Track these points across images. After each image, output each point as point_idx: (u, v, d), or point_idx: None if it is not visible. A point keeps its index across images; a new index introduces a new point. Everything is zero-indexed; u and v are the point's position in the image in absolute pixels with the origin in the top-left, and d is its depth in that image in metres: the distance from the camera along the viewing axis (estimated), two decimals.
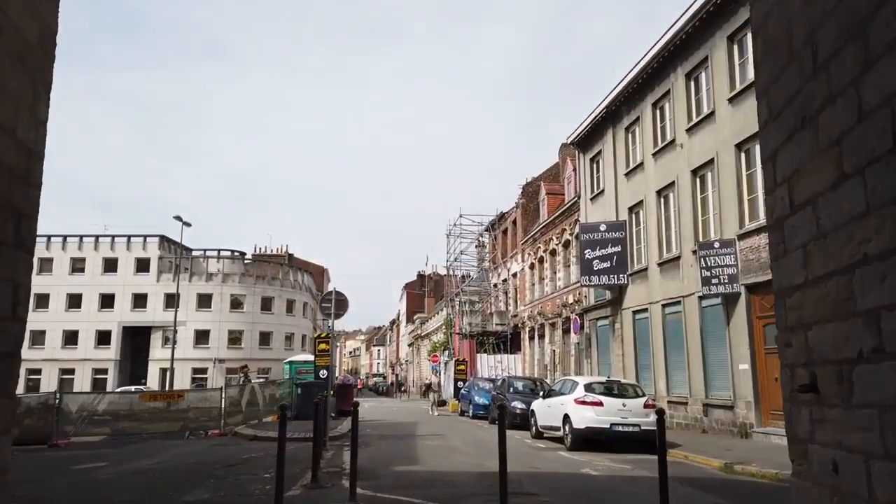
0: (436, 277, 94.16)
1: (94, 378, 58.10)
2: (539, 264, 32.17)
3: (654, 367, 19.05)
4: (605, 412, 13.41)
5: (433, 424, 21.27)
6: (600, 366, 23.26)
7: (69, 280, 59.44)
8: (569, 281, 27.72)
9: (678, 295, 17.78)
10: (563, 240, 28.27)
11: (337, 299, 15.82)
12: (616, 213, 21.99)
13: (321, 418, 11.96)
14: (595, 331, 23.72)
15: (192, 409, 17.02)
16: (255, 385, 19.66)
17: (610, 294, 22.26)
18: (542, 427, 15.92)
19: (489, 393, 25.05)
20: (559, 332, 28.41)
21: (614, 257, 21.24)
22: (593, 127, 23.66)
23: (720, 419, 15.71)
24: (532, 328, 32.63)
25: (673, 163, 18.37)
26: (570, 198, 28.11)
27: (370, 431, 18.01)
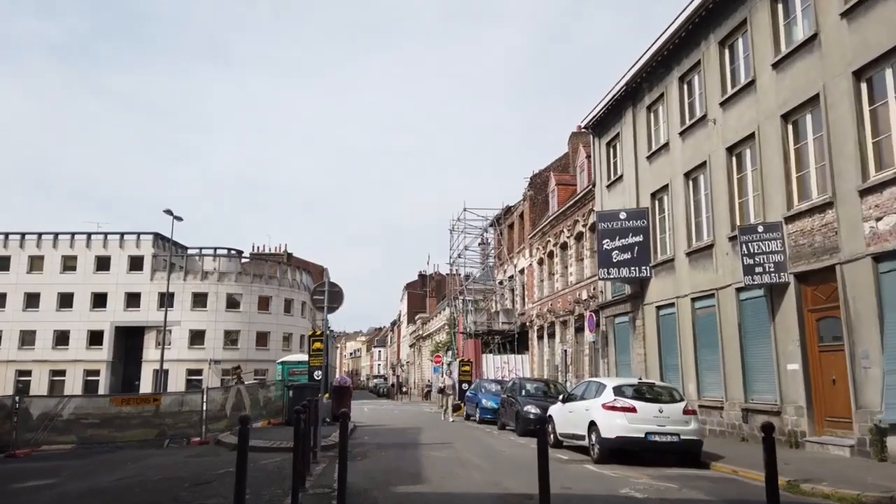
0: (437, 277, 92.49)
1: (85, 380, 56.40)
2: (548, 259, 30.37)
3: (682, 367, 17.25)
4: (640, 419, 11.61)
5: (438, 431, 19.48)
6: (619, 366, 21.46)
7: (60, 279, 57.75)
8: (582, 276, 25.92)
9: (711, 287, 15.98)
10: (576, 232, 26.47)
11: (330, 291, 14.06)
12: (637, 200, 20.20)
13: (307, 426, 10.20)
14: (612, 329, 21.92)
15: (169, 415, 15.24)
16: (241, 387, 17.88)
17: (630, 288, 20.46)
18: (562, 435, 14.12)
19: (497, 396, 23.28)
20: (571, 331, 26.61)
21: (635, 248, 19.43)
22: (610, 108, 21.87)
23: None
24: (541, 327, 30.82)
25: (704, 141, 16.57)
26: (582, 187, 26.32)
27: (368, 440, 16.21)
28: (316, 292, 14.07)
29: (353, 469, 10.10)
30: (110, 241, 59.00)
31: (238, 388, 17.72)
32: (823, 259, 12.30)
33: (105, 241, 58.99)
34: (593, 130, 23.68)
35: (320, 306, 13.96)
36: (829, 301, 12.35)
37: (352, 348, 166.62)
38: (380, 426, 21.50)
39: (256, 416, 18.27)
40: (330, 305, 14.01)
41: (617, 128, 21.89)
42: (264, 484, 9.50)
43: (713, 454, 12.16)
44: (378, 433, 18.36)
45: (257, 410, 18.18)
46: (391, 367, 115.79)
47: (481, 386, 24.81)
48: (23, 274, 57.72)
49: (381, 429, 20.34)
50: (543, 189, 32.99)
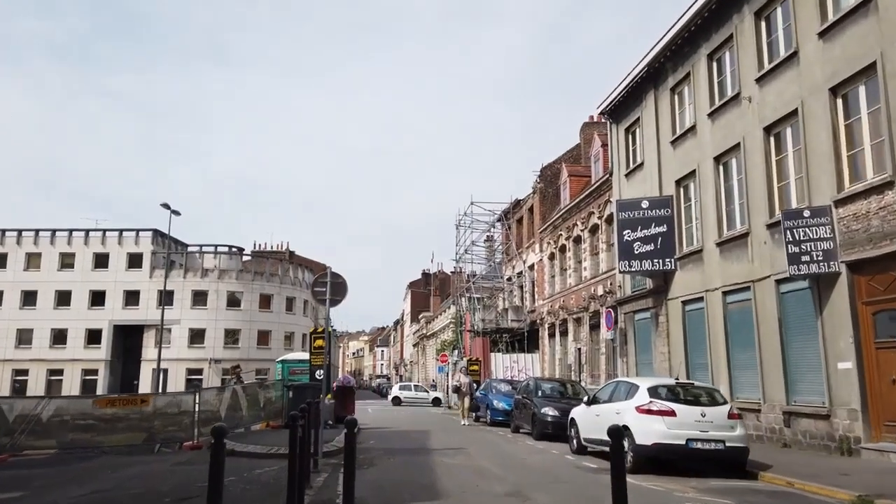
0: (441, 276, 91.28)
1: (83, 379, 55.31)
2: (560, 254, 29.10)
3: (712, 366, 15.98)
4: (679, 424, 10.35)
5: (448, 434, 18.23)
6: (639, 366, 20.19)
7: (58, 276, 56.64)
8: (597, 270, 24.65)
9: (746, 279, 14.71)
10: (591, 224, 25.20)
11: (333, 282, 12.81)
12: (659, 187, 18.94)
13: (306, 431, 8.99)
14: (632, 326, 20.65)
15: (159, 417, 14.01)
16: (237, 388, 16.66)
17: (652, 282, 19.20)
18: (587, 441, 12.88)
19: (509, 397, 22.04)
20: (586, 329, 25.34)
21: (659, 239, 18.17)
22: (629, 92, 20.60)
23: (810, 431, 12.63)
24: (552, 324, 29.56)
25: (737, 122, 15.30)
26: (598, 177, 25.06)
27: (374, 444, 14.98)
28: (317, 283, 12.83)
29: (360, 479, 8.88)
30: (109, 238, 57.88)
31: (234, 388, 16.51)
32: (882, 245, 11.04)
33: (103, 237, 57.87)
34: (610, 116, 22.40)
35: (322, 299, 12.72)
36: (888, 292, 11.09)
37: (354, 348, 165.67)
38: (385, 429, 20.27)
39: (254, 418, 17.06)
40: (332, 298, 12.78)
41: (636, 112, 20.63)
42: (257, 499, 8.28)
43: (758, 462, 10.90)
44: (384, 437, 17.13)
45: (255, 412, 16.96)
46: (394, 366, 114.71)
47: (492, 386, 23.55)
48: (20, 271, 56.62)
49: (386, 432, 19.12)
50: (554, 181, 31.74)
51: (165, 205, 35.13)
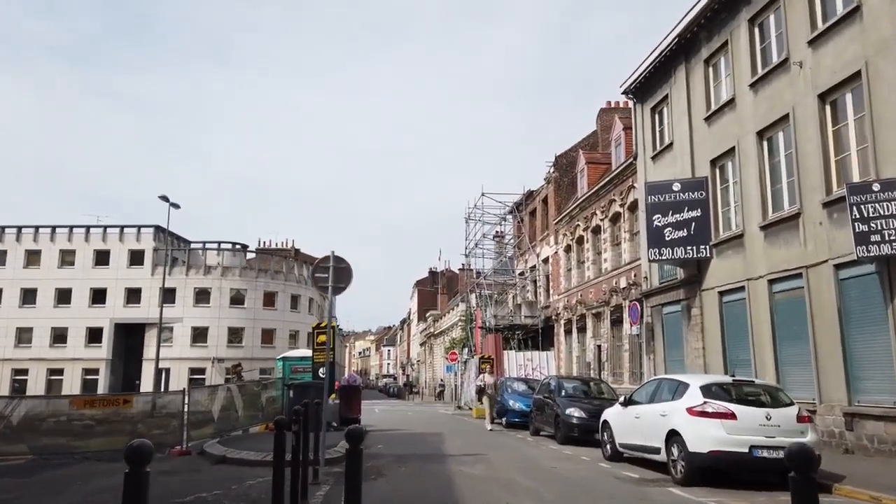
0: (449, 274, 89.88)
1: (84, 379, 54.05)
2: (577, 245, 27.57)
3: (756, 363, 14.43)
4: (741, 429, 8.83)
5: (462, 437, 16.75)
6: (668, 363, 18.66)
7: (58, 274, 55.43)
8: (619, 262, 23.12)
9: (798, 265, 13.16)
10: (611, 213, 23.66)
11: (336, 267, 11.34)
12: (692, 169, 17.40)
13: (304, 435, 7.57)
14: (660, 320, 19.11)
15: (143, 420, 12.59)
16: (232, 387, 15.21)
17: (683, 272, 17.67)
18: (624, 446, 11.37)
19: (527, 397, 20.59)
20: (606, 324, 23.81)
21: (692, 224, 16.64)
22: (657, 67, 19.06)
23: (878, 435, 11.08)
24: (569, 320, 28.04)
25: (785, 90, 13.76)
26: (619, 163, 23.51)
27: (382, 449, 13.53)
28: (318, 269, 11.36)
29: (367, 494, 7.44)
30: (110, 234, 56.61)
31: (228, 387, 15.05)
32: None
33: (104, 234, 56.61)
34: (635, 96, 20.85)
35: (324, 286, 11.25)
36: None
37: (361, 347, 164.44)
38: (395, 431, 18.81)
39: (252, 420, 15.63)
40: (336, 285, 11.31)
41: (664, 89, 19.08)
42: None
43: (826, 472, 9.34)
44: (394, 440, 15.66)
45: (253, 413, 15.53)
46: (401, 366, 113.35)
47: (507, 386, 22.05)
48: (19, 269, 55.45)
49: (396, 434, 17.66)
50: (570, 170, 30.20)
51: (164, 197, 33.80)
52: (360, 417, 18.65)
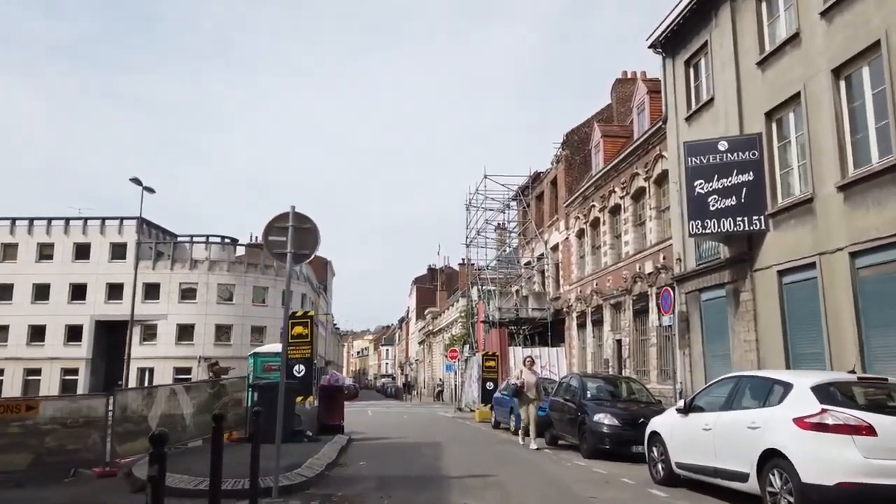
0: (448, 270, 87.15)
1: (63, 379, 51.09)
2: (592, 229, 24.69)
3: (830, 356, 11.55)
4: (886, 449, 5.94)
5: (466, 449, 13.83)
6: (707, 359, 15.77)
7: (36, 268, 52.40)
8: (643, 244, 20.24)
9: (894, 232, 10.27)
10: (634, 188, 20.76)
11: (298, 228, 8.45)
12: (740, 125, 14.51)
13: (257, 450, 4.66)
14: (698, 308, 16.22)
15: (53, 430, 9.68)
16: (177, 388, 12.27)
17: (729, 250, 14.79)
18: (683, 467, 8.48)
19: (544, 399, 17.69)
20: (628, 315, 20.91)
21: (742, 190, 13.76)
22: (692, 12, 16.16)
23: None
24: (582, 312, 25.16)
25: (872, 15, 10.88)
26: (641, 132, 20.60)
27: (364, 467, 10.64)
28: (272, 231, 8.42)
29: None
30: (90, 227, 53.63)
31: (173, 388, 12.12)
32: None
33: (84, 226, 53.63)
34: (664, 49, 17.94)
35: (280, 253, 8.34)
36: None
37: (359, 347, 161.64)
38: (384, 440, 15.91)
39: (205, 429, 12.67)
40: (298, 252, 8.40)
41: (702, 37, 16.18)
42: None
43: None
44: (381, 455, 12.76)
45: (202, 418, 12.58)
46: (399, 365, 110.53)
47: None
48: None
49: (385, 445, 14.76)
50: (582, 147, 27.31)
51: (136, 180, 30.88)
52: (342, 424, 15.76)
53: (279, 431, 8.35)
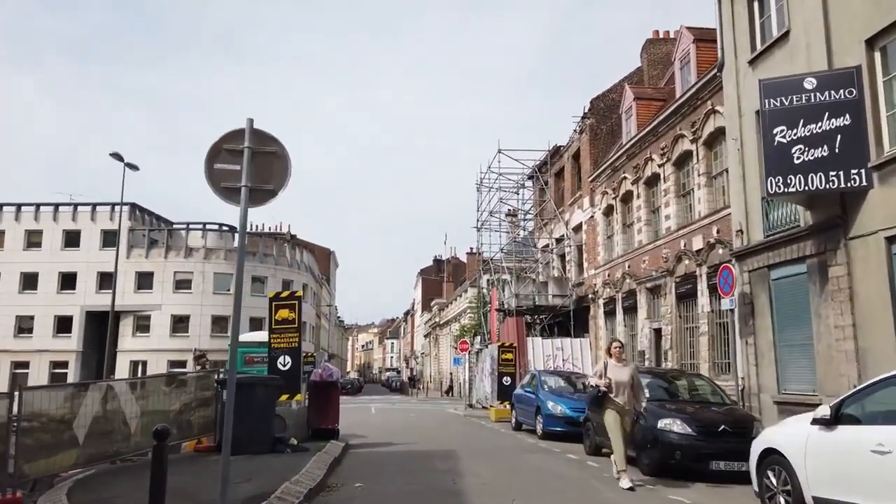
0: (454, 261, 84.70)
1: (52, 373, 48.53)
2: (622, 204, 21.90)
3: None
4: None
5: (487, 463, 11.09)
6: (779, 348, 12.98)
7: (23, 256, 49.78)
8: (689, 217, 17.47)
9: None
10: (677, 153, 17.94)
11: (257, 152, 5.67)
12: (828, 59, 11.70)
13: None
14: (766, 288, 13.43)
15: None
16: (115, 385, 9.53)
17: (812, 215, 12.01)
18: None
19: (568, 397, 15.04)
20: (669, 300, 18.14)
21: (836, 137, 10.96)
22: None
23: None
24: (611, 299, 22.40)
25: None
26: (685, 87, 17.76)
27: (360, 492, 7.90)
28: (220, 156, 5.66)
29: None
30: (80, 213, 51.02)
31: (110, 385, 9.35)
32: None
33: (74, 213, 51.03)
34: None
35: (230, 188, 5.62)
36: None
37: (364, 340, 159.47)
38: (388, 447, 13.19)
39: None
40: (258, 187, 5.67)
41: None
42: None
43: None
44: (382, 471, 10.06)
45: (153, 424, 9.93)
46: (405, 359, 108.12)
47: (542, 381, 16.42)
48: None
49: (388, 455, 12.05)
50: (609, 115, 24.49)
51: (117, 155, 28.14)
52: (337, 428, 13.06)
53: (226, 450, 5.64)
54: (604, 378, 8.84)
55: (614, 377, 8.83)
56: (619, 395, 8.78)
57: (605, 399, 8.82)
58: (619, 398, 8.78)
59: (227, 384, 6.21)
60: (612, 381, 8.80)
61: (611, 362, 9.03)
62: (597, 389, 8.90)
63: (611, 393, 8.77)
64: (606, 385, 8.76)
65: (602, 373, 8.93)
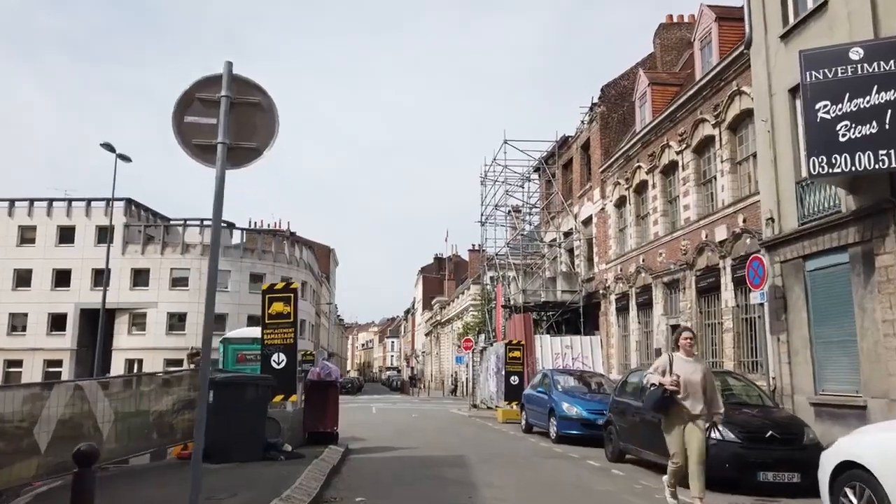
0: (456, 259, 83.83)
1: (46, 371, 47.51)
2: (636, 195, 20.87)
3: None
4: None
5: (504, 469, 10.09)
6: (816, 346, 11.95)
7: (16, 253, 48.72)
8: (712, 206, 16.45)
9: None
10: (698, 139, 16.90)
11: (237, 103, 4.59)
12: (874, 28, 10.67)
13: None
14: (800, 280, 12.40)
15: None
16: (84, 384, 8.49)
17: (854, 199, 10.97)
18: None
19: (589, 398, 14.05)
20: (689, 294, 17.10)
21: (887, 112, 9.93)
22: None
23: None
24: (623, 294, 21.37)
25: None
26: (707, 69, 16.72)
27: None
28: (192, 107, 4.63)
29: None
30: (75, 208, 49.95)
31: (77, 385, 8.32)
32: None
33: (69, 208, 49.95)
34: None
35: (203, 144, 4.60)
36: None
37: (364, 339, 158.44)
38: (391, 452, 12.18)
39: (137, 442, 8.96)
40: (239, 144, 4.64)
41: None
42: None
43: None
44: (386, 475, 9.07)
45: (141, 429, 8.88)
46: (405, 358, 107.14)
47: (555, 381, 15.41)
48: None
49: (391, 461, 11.03)
50: (621, 102, 23.45)
51: (108, 145, 27.09)
52: (336, 431, 12.04)
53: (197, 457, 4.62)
54: (670, 375, 6.82)
55: (683, 375, 6.78)
56: (690, 398, 6.76)
57: (671, 403, 6.78)
58: (689, 402, 6.76)
59: (200, 384, 5.18)
60: (683, 380, 6.76)
61: (678, 356, 6.98)
62: (661, 389, 6.78)
63: (678, 395, 6.75)
64: (674, 384, 6.74)
65: (666, 369, 6.90)
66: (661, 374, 6.92)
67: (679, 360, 6.91)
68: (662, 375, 6.88)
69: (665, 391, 6.75)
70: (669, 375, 6.81)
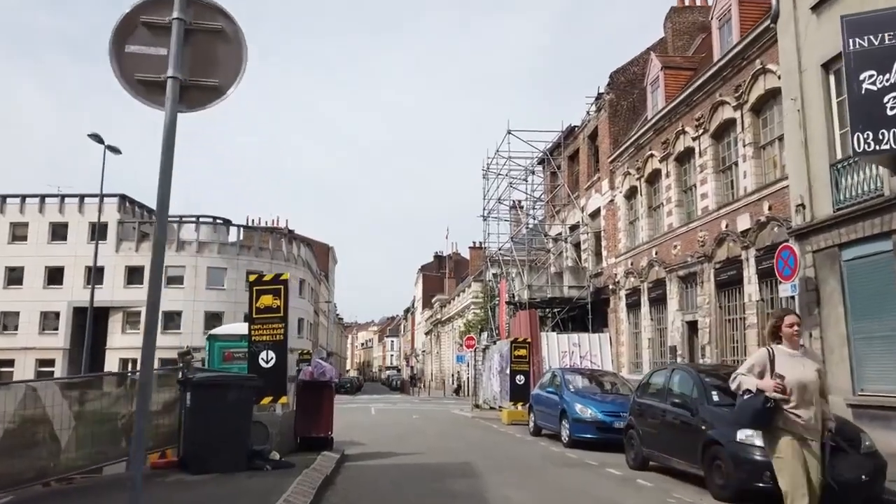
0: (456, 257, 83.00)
1: (38, 371, 46.51)
2: (648, 185, 19.89)
3: None
4: None
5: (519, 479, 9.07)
6: (854, 342, 10.96)
7: (8, 250, 47.68)
8: (731, 194, 15.47)
9: None
10: (717, 123, 15.90)
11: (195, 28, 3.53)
12: None
13: None
14: (836, 271, 11.41)
15: None
16: (38, 385, 7.45)
17: None
18: None
19: (603, 399, 13.05)
20: (707, 288, 16.10)
21: None
22: None
23: None
24: (634, 289, 20.39)
25: None
26: (726, 48, 15.70)
27: None
28: (137, 33, 3.70)
29: None
30: (67, 205, 48.93)
31: (29, 387, 7.25)
32: None
33: (61, 205, 48.94)
34: None
35: (149, 80, 3.61)
36: None
37: (363, 338, 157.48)
38: (391, 458, 11.17)
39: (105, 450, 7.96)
40: (195, 81, 3.64)
41: None
42: None
43: None
44: (385, 487, 8.09)
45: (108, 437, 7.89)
46: (405, 357, 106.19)
47: (567, 381, 14.40)
48: None
49: (392, 467, 10.04)
50: (632, 89, 22.46)
51: (96, 136, 26.08)
52: (331, 436, 11.04)
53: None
54: (771, 377, 4.83)
55: (790, 376, 4.80)
56: (801, 405, 4.79)
57: (775, 414, 4.77)
58: (801, 411, 4.79)
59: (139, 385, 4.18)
60: (791, 383, 4.78)
61: (780, 350, 4.96)
62: (762, 399, 4.76)
63: (786, 404, 4.77)
64: (780, 389, 4.75)
65: (767, 369, 4.91)
66: (759, 375, 4.92)
67: (783, 356, 4.90)
68: (761, 377, 4.89)
69: (768, 401, 4.75)
70: (770, 377, 4.84)
